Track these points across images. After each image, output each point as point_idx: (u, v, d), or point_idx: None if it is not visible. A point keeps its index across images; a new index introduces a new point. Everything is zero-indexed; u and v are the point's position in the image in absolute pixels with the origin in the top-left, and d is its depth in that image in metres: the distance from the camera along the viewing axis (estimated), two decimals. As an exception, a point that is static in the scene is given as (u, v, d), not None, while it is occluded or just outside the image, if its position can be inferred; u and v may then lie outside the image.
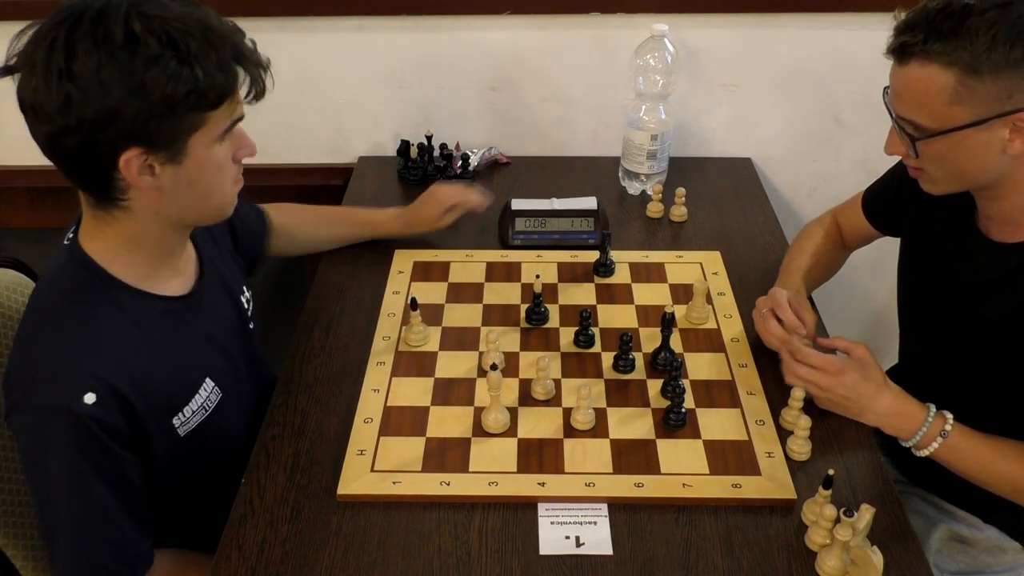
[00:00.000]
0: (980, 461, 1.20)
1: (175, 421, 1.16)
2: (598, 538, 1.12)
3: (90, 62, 0.93)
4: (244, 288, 1.36)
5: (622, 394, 1.32)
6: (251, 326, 1.36)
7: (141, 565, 1.15)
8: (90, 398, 1.03)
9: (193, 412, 1.18)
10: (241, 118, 1.09)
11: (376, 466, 1.20)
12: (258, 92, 1.07)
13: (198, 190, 1.07)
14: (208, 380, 1.21)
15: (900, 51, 1.13)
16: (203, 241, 1.27)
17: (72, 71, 0.94)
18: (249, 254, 1.45)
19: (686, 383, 1.33)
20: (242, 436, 1.30)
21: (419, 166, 1.86)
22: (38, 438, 1.05)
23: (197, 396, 1.18)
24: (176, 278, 1.19)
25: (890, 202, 1.45)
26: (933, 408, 1.21)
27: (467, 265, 1.59)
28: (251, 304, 1.37)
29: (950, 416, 1.20)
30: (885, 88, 1.20)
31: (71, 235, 1.13)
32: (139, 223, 1.08)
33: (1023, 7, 1.05)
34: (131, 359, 1.09)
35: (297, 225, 1.56)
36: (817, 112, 1.93)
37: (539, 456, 1.22)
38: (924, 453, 1.21)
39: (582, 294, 1.52)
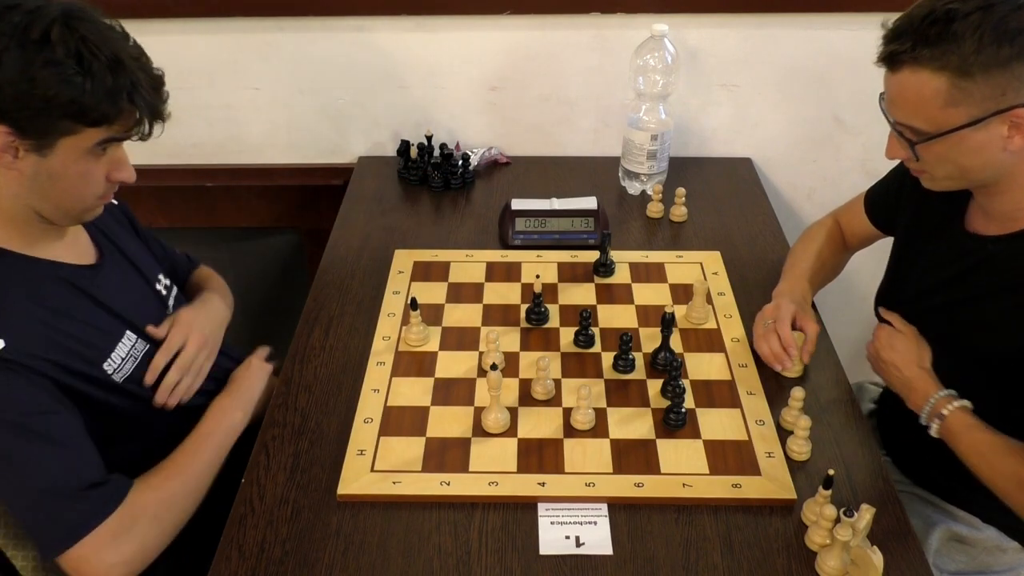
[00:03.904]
0: (976, 449, 1.21)
1: (106, 367, 1.19)
2: (598, 538, 1.12)
3: (1, 41, 1.02)
4: (160, 276, 1.38)
5: (622, 394, 1.32)
6: (167, 311, 1.36)
7: (112, 479, 1.14)
8: None
9: (123, 359, 1.22)
10: (114, 140, 1.12)
11: (376, 466, 1.20)
12: (142, 135, 1.14)
13: (57, 188, 1.12)
14: (129, 332, 1.24)
15: (890, 59, 1.14)
16: (108, 223, 1.32)
17: None
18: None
19: (686, 383, 1.33)
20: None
21: (419, 166, 1.86)
22: None
23: (120, 345, 1.22)
24: (67, 248, 1.22)
25: (891, 202, 1.45)
26: (944, 391, 1.24)
27: (467, 265, 1.59)
28: (172, 291, 1.39)
29: (957, 403, 1.22)
30: (880, 94, 1.20)
31: None
32: (3, 199, 1.13)
33: (1005, 7, 1.06)
34: (33, 310, 1.12)
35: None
36: (817, 112, 1.93)
37: (539, 456, 1.22)
38: (932, 431, 1.24)
39: (582, 294, 1.52)
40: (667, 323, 1.34)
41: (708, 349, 1.41)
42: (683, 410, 1.26)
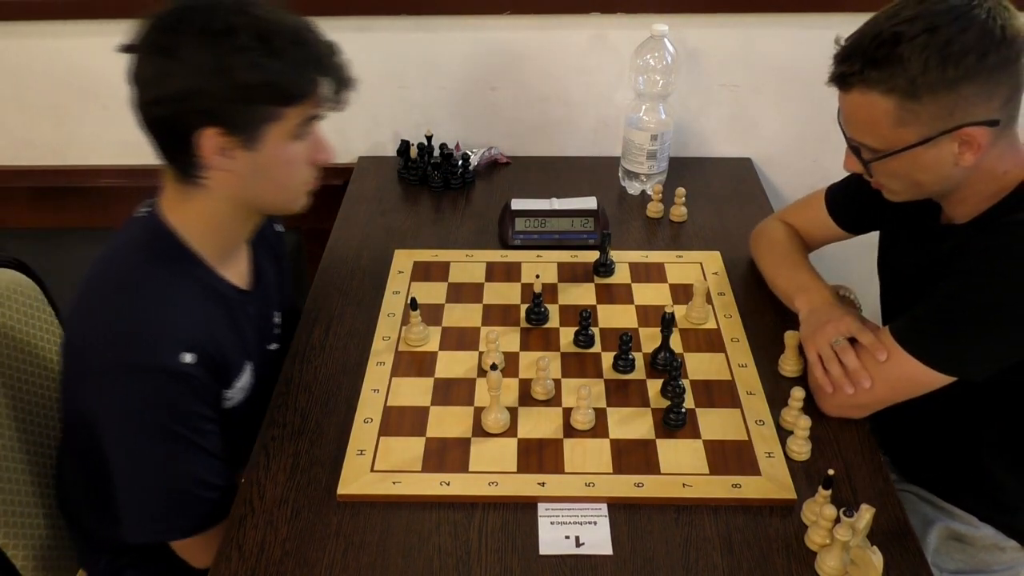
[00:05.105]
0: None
1: (226, 393, 1.22)
2: (598, 538, 1.12)
3: (189, 44, 1.05)
4: (277, 311, 1.41)
5: (622, 394, 1.32)
6: (270, 346, 1.39)
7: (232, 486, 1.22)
8: (188, 357, 1.11)
9: (238, 389, 1.24)
10: (316, 117, 1.15)
11: (376, 466, 1.20)
12: (334, 102, 1.16)
13: (269, 179, 1.15)
14: (248, 363, 1.26)
15: (840, 80, 1.16)
16: (262, 250, 1.34)
17: (172, 49, 1.05)
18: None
19: (686, 383, 1.33)
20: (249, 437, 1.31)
21: (419, 166, 1.86)
22: (140, 397, 1.10)
23: (242, 375, 1.25)
24: (235, 267, 1.25)
25: (861, 202, 1.42)
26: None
27: (467, 265, 1.59)
28: (279, 330, 1.42)
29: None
30: (838, 110, 1.22)
31: (144, 211, 1.20)
32: (215, 202, 1.15)
33: (951, 29, 1.07)
34: (207, 325, 1.16)
35: None
36: (817, 112, 1.92)
37: (539, 456, 1.22)
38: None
39: (582, 294, 1.52)
40: (667, 323, 1.34)
41: (708, 349, 1.41)
42: (683, 410, 1.26)
